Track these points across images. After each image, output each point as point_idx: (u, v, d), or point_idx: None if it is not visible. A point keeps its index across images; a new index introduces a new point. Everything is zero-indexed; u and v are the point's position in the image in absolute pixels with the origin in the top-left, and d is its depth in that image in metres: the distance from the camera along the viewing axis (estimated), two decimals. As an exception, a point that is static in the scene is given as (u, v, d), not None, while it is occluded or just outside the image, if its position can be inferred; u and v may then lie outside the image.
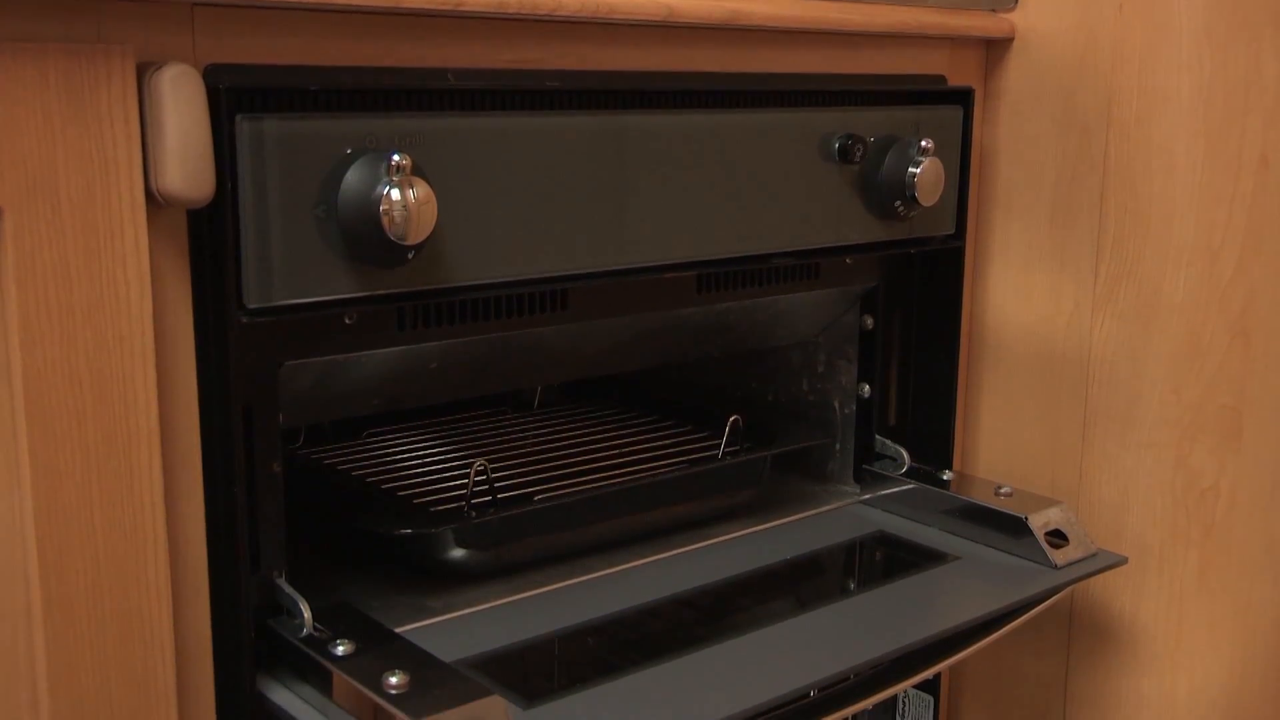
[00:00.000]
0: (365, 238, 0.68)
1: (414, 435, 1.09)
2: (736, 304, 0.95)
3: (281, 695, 0.72)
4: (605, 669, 0.78)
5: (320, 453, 1.03)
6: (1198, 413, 0.99)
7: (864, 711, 1.12)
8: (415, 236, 0.68)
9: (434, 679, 0.69)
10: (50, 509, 0.61)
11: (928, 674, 0.88)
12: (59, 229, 0.60)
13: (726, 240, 0.87)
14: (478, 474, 0.94)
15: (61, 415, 0.61)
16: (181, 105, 0.62)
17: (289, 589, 0.74)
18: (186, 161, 0.63)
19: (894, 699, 1.12)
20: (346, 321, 0.74)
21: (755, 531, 1.00)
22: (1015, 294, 1.07)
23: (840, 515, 1.04)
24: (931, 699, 1.10)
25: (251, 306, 0.67)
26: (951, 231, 1.01)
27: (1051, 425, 1.06)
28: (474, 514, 0.88)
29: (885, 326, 1.05)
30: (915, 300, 1.06)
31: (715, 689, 0.76)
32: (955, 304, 1.04)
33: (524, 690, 0.75)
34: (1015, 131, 1.06)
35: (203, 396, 0.69)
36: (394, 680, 0.68)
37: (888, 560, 0.98)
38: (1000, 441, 1.10)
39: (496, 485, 0.94)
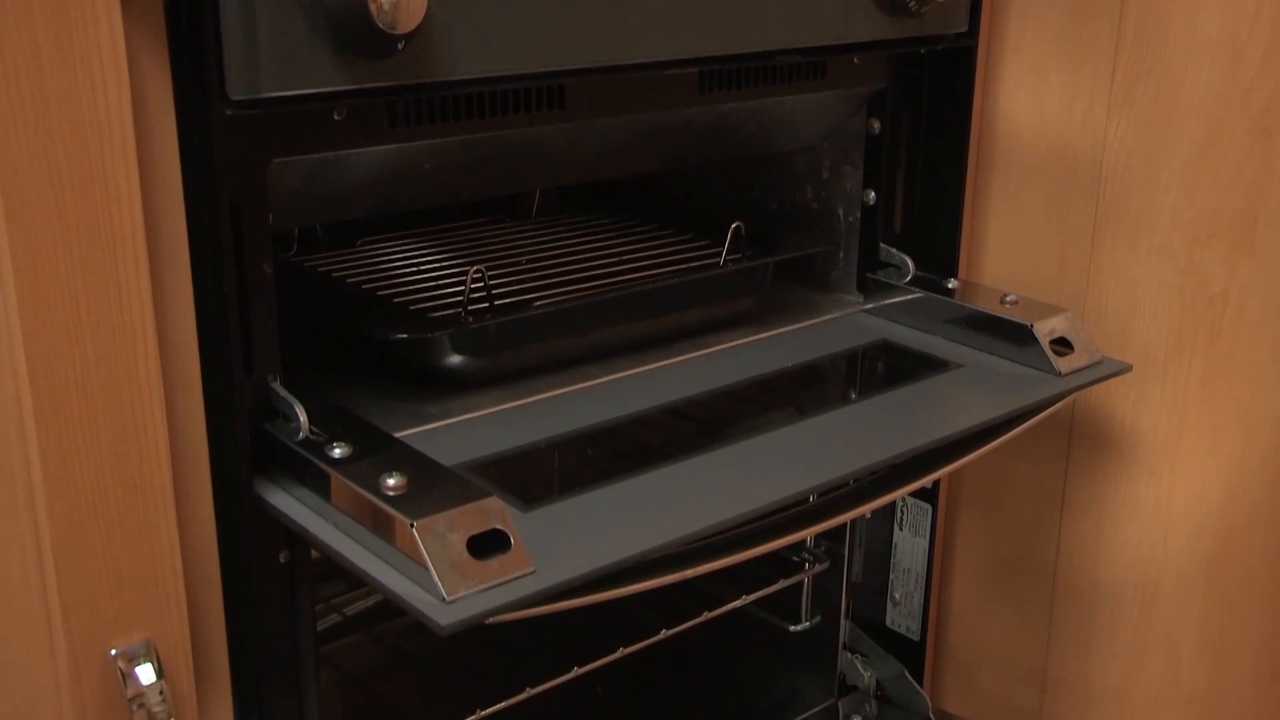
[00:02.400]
0: (353, 26, 0.65)
1: (410, 243, 1.07)
2: (739, 105, 0.92)
3: (279, 498, 0.72)
4: (604, 474, 0.78)
5: (314, 260, 1.01)
6: (1211, 216, 0.97)
7: (862, 519, 1.14)
8: (405, 25, 0.65)
9: (431, 481, 0.69)
10: (35, 307, 0.60)
11: (928, 480, 0.88)
12: (27, 13, 0.57)
13: (730, 36, 0.83)
14: (475, 280, 0.92)
15: (41, 210, 0.59)
16: (151, -122, 0.58)
17: (284, 392, 0.73)
18: (159, -61, 0.59)
19: (892, 507, 1.13)
20: (336, 117, 0.72)
21: (756, 340, 0.99)
22: (1028, 95, 1.04)
23: (843, 324, 1.03)
24: (930, 507, 1.11)
25: (235, 98, 0.65)
26: (964, 29, 0.97)
27: (1060, 232, 1.04)
28: (471, 319, 0.87)
29: (892, 130, 1.02)
30: (924, 103, 1.02)
31: (714, 494, 0.76)
32: (965, 106, 1.01)
33: (522, 493, 0.75)
34: (1034, -78, 1.01)
35: (188, 194, 0.67)
36: (391, 482, 0.67)
37: (890, 368, 0.97)
38: (1007, 249, 1.08)
39: (494, 292, 0.93)
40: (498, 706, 0.93)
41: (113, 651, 0.65)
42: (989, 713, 1.17)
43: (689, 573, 0.74)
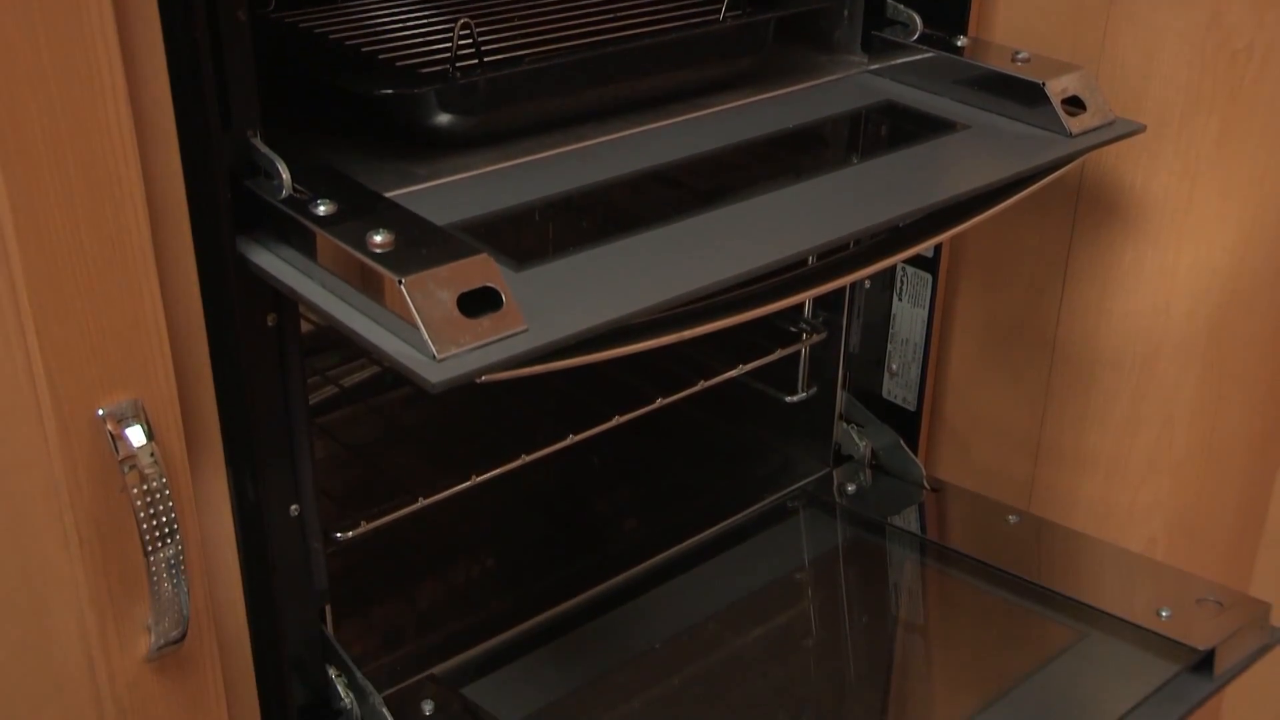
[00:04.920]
0: None
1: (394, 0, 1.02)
2: None
3: (263, 257, 0.70)
4: (598, 235, 0.75)
5: (294, 16, 0.96)
6: (1240, -38, 0.92)
7: (861, 289, 1.12)
8: None
9: (420, 238, 0.67)
10: (-8, 49, 0.56)
11: (930, 244, 0.86)
12: None
13: None
14: (462, 34, 0.88)
15: (-8, -55, 0.55)
16: None
17: (264, 149, 0.70)
18: None
19: (892, 277, 1.11)
20: None
21: (756, 101, 0.95)
22: None
23: (846, 85, 0.99)
24: (930, 277, 1.09)
25: None
26: None
27: (1077, -16, 0.99)
28: (459, 75, 0.83)
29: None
30: None
31: (711, 254, 0.74)
32: None
33: (514, 254, 0.73)
34: None
35: (150, -70, 0.62)
36: (379, 239, 0.65)
37: (894, 130, 0.94)
38: (1020, 3, 1.03)
39: (483, 49, 0.89)
40: (493, 472, 0.93)
41: (100, 411, 0.64)
42: (982, 481, 1.19)
43: (685, 334, 0.73)
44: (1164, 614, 0.95)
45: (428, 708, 0.88)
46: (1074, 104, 0.90)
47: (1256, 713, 1.27)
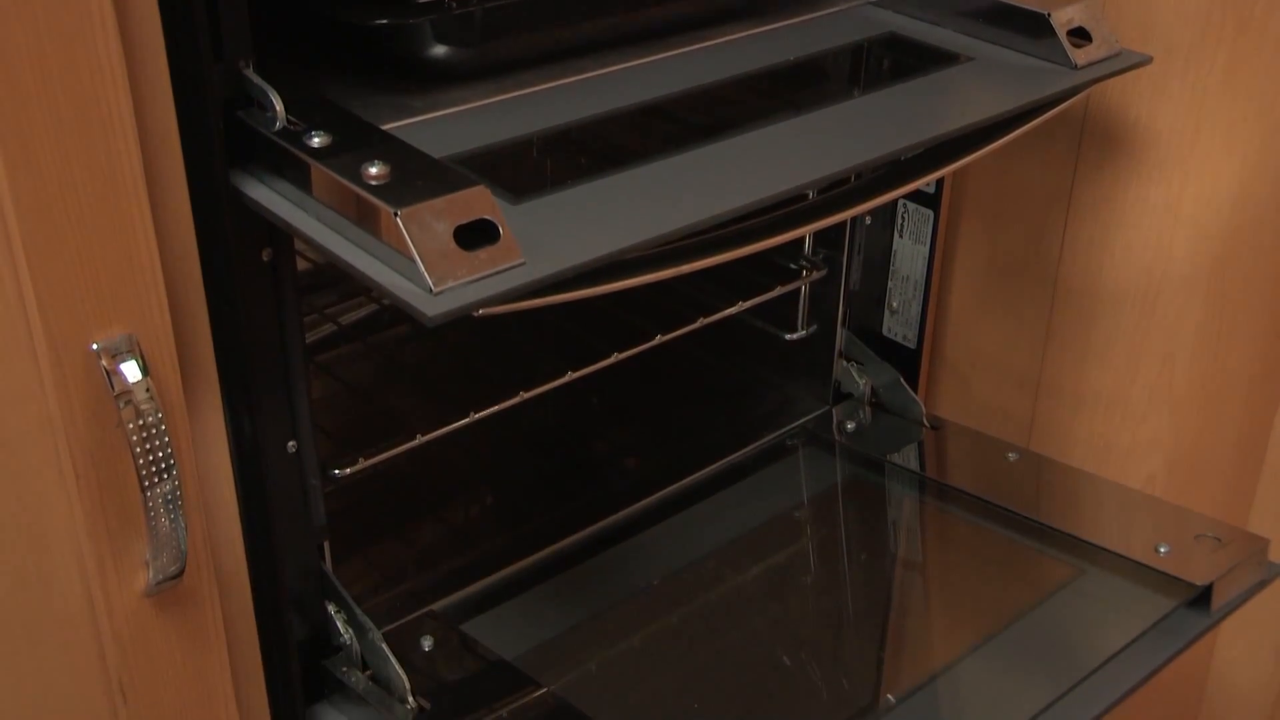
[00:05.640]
0: None
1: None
2: None
3: (257, 190, 0.69)
4: (596, 168, 0.75)
5: (286, -54, 0.95)
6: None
7: (861, 225, 1.11)
8: None
9: (416, 170, 0.66)
10: (-23, -25, 0.55)
11: (932, 178, 0.85)
12: None
13: None
14: (457, -36, 0.86)
15: None
16: None
17: (258, 79, 0.69)
18: None
19: (893, 213, 1.10)
20: None
21: (756, 33, 0.94)
22: None
23: (848, 17, 0.98)
24: (931, 213, 1.08)
25: None
26: None
27: (1084, -88, 0.97)
28: (455, 5, 0.82)
29: None
30: None
31: (710, 188, 0.73)
32: None
33: (511, 186, 0.72)
34: None
35: None
36: (374, 171, 0.64)
37: (896, 63, 0.93)
38: (1026, -67, 1.01)
39: (479, -21, 0.87)
40: (492, 409, 0.93)
41: (94, 346, 0.64)
42: (982, 418, 1.18)
43: (684, 268, 0.72)
44: (1162, 550, 0.95)
45: (427, 643, 0.88)
46: (1079, 35, 0.89)
47: (1251, 647, 1.28)
